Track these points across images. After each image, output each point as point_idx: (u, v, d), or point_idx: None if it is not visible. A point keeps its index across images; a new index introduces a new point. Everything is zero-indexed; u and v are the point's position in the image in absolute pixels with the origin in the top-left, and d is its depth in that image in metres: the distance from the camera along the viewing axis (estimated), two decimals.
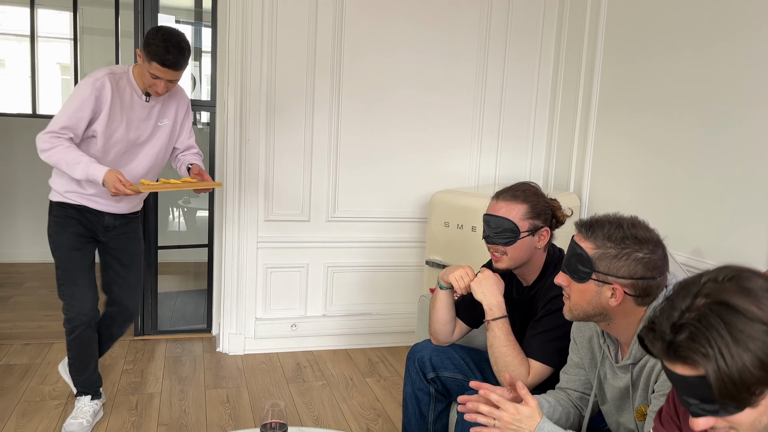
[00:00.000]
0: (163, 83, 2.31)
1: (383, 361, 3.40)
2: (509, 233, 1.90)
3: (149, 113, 2.46)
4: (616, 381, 1.52)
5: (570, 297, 1.48)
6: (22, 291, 4.29)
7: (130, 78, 2.40)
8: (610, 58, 3.14)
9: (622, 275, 1.38)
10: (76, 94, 2.30)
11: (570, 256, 1.47)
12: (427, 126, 3.51)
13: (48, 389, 2.85)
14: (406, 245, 3.58)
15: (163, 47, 2.24)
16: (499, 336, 1.83)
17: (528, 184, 1.99)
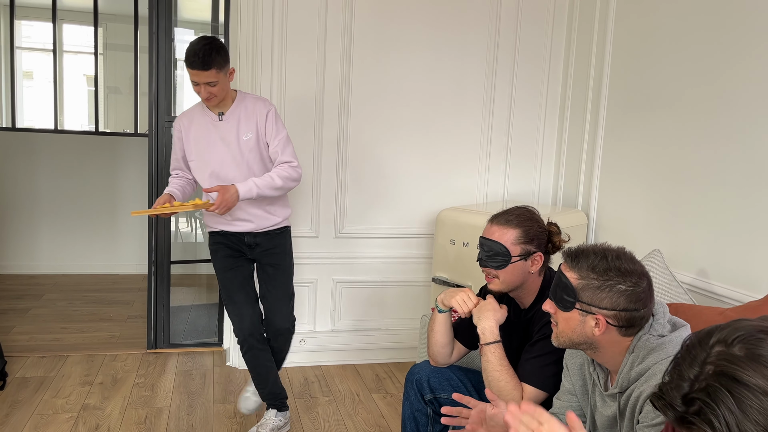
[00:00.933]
0: (203, 88, 2.40)
1: (390, 377, 3.42)
2: (501, 257, 1.92)
3: (227, 131, 2.54)
4: (605, 409, 1.53)
5: (557, 324, 1.50)
6: (41, 303, 4.39)
7: (202, 106, 2.57)
8: (617, 78, 3.14)
9: (605, 306, 1.40)
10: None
11: (556, 284, 1.49)
12: (435, 143, 3.53)
13: (61, 402, 2.92)
14: (414, 261, 3.60)
15: (189, 50, 2.36)
16: (491, 361, 1.85)
17: (524, 208, 2.00)
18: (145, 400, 2.99)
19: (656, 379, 1.37)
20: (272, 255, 2.66)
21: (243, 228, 2.60)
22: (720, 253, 2.47)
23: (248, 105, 2.58)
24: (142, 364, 3.42)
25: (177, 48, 3.67)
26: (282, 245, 2.69)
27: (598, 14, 3.27)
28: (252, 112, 2.57)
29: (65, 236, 5.16)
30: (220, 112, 2.54)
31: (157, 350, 3.60)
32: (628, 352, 1.45)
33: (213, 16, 4.59)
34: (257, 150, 2.57)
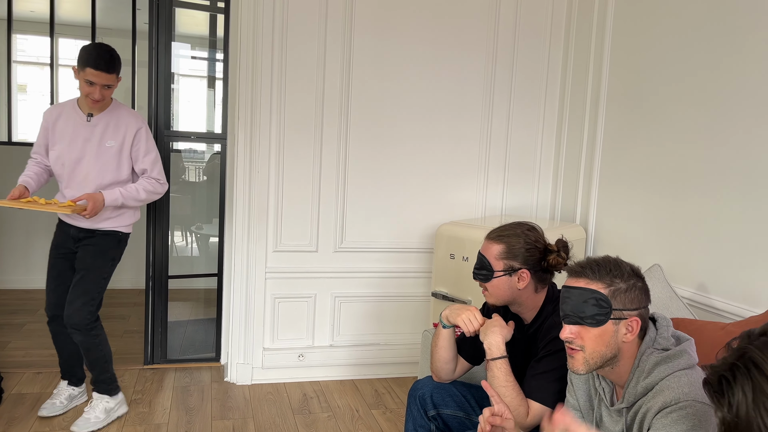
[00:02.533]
0: (98, 88, 2.64)
1: (390, 392, 3.40)
2: (485, 271, 1.96)
3: (92, 133, 2.77)
4: (611, 424, 1.53)
5: (584, 348, 1.46)
6: (36, 318, 4.35)
7: (74, 104, 2.81)
8: (614, 94, 3.17)
9: (635, 307, 1.45)
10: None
11: (578, 303, 1.46)
12: (434, 158, 3.54)
13: (57, 420, 2.89)
14: (413, 275, 3.60)
15: (94, 53, 2.62)
16: (498, 376, 1.84)
17: (522, 224, 2.01)
18: (143, 417, 2.96)
19: (664, 396, 1.37)
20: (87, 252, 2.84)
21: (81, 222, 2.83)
22: (719, 268, 2.48)
23: (120, 115, 2.82)
24: (139, 380, 3.39)
25: (174, 63, 3.68)
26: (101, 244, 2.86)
27: (594, 31, 3.30)
28: (122, 124, 2.82)
29: None
30: (89, 113, 2.77)
31: (154, 366, 3.58)
32: (634, 366, 1.45)
33: (210, 31, 4.61)
34: (117, 158, 2.82)
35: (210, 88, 5.22)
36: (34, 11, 6.39)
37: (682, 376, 1.39)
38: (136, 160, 2.86)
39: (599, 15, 3.28)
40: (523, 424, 1.81)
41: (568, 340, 1.48)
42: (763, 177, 2.28)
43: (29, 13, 6.49)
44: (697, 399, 1.34)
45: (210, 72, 5.15)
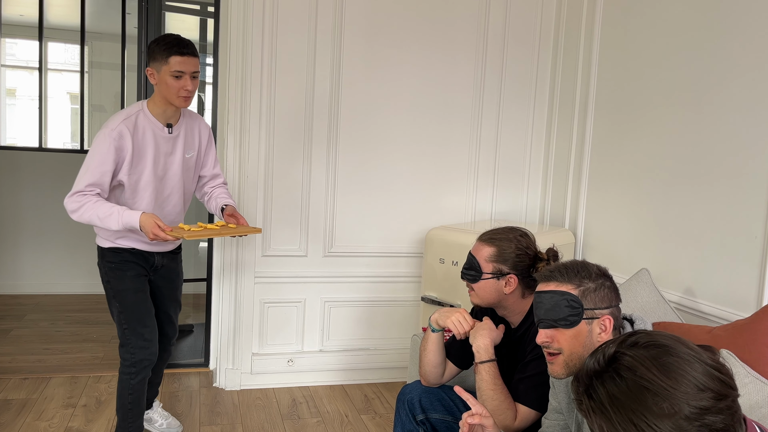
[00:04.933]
0: (188, 78, 2.27)
1: (379, 397, 3.40)
2: (473, 272, 1.97)
3: (174, 146, 2.42)
4: None
5: (562, 351, 1.47)
6: (23, 323, 4.32)
7: (146, 114, 2.35)
8: (603, 98, 3.19)
9: (606, 305, 1.47)
10: (96, 150, 2.26)
11: (551, 306, 1.47)
12: (423, 162, 3.55)
13: (44, 425, 2.86)
14: (403, 280, 3.60)
15: (172, 40, 2.27)
16: (486, 379, 1.85)
17: (514, 229, 2.01)
18: None
19: None
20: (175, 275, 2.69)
21: (160, 248, 2.52)
22: (706, 272, 2.49)
23: (190, 120, 2.51)
24: None
25: None
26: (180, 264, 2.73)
27: (583, 36, 3.33)
28: (195, 128, 2.53)
29: (48, 256, 5.10)
30: (168, 123, 2.39)
31: None
32: None
33: (201, 36, 4.61)
34: (194, 169, 2.56)
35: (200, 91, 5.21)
36: (23, 15, 6.36)
37: None
38: (206, 164, 2.62)
39: (587, 21, 3.30)
40: (511, 428, 1.81)
41: (545, 345, 1.49)
42: (748, 182, 2.30)
43: (18, 17, 6.46)
44: None
45: (201, 77, 5.15)
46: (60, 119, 7.33)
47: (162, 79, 2.27)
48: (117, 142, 2.27)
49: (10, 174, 5.01)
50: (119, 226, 2.23)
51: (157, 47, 2.27)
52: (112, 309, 2.48)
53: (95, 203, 2.25)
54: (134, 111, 2.34)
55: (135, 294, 2.44)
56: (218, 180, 2.70)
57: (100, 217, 2.24)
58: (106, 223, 2.24)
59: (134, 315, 2.43)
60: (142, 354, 2.43)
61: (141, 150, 2.33)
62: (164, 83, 2.27)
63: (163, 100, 2.34)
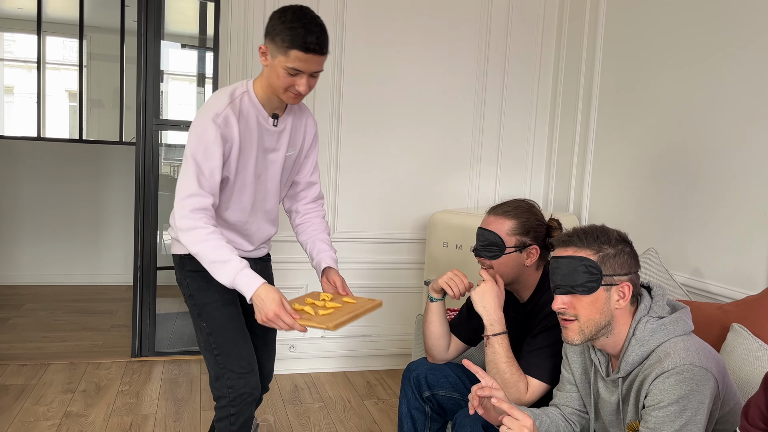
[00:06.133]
0: (305, 79, 1.77)
1: (382, 383, 3.36)
2: (495, 248, 1.90)
3: (278, 142, 1.95)
4: (607, 395, 1.50)
5: (578, 317, 1.44)
6: (21, 312, 4.28)
7: (251, 97, 1.87)
8: (608, 81, 3.16)
9: (625, 272, 1.43)
10: (198, 140, 1.77)
11: (568, 272, 1.43)
12: (426, 148, 3.52)
13: (42, 410, 2.82)
14: (405, 267, 3.57)
15: (302, 27, 1.71)
16: (499, 352, 1.81)
17: (524, 201, 1.99)
18: (130, 408, 2.90)
19: (661, 362, 1.34)
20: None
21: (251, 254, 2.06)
22: (714, 252, 2.46)
23: (299, 111, 2.02)
24: (126, 371, 3.33)
25: (164, 52, 3.64)
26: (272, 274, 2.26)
27: (587, 18, 3.30)
28: (302, 123, 2.03)
29: (47, 246, 5.06)
30: (274, 113, 1.91)
31: (142, 358, 3.51)
32: (629, 335, 1.43)
33: (200, 29, 4.58)
34: (288, 172, 2.05)
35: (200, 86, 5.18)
36: (21, 8, 6.32)
37: (678, 342, 1.37)
38: (303, 168, 2.11)
39: (592, 4, 3.27)
40: (522, 401, 1.77)
41: (561, 311, 1.46)
42: (755, 163, 2.27)
43: (17, 11, 6.42)
44: (695, 363, 1.31)
45: (200, 69, 5.11)
46: (59, 116, 7.29)
47: (274, 67, 1.77)
48: (223, 130, 1.78)
49: (8, 164, 4.98)
50: (227, 282, 1.71)
51: (281, 28, 1.73)
52: (198, 333, 1.95)
53: (209, 235, 1.72)
54: (239, 92, 1.86)
55: (225, 307, 1.91)
56: (313, 191, 2.15)
57: (209, 258, 1.71)
58: (212, 268, 1.72)
59: (227, 335, 1.91)
60: (242, 386, 1.89)
61: (246, 141, 1.85)
62: (275, 73, 1.77)
63: (271, 87, 1.84)
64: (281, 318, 1.66)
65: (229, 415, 1.91)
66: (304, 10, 1.77)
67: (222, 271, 1.71)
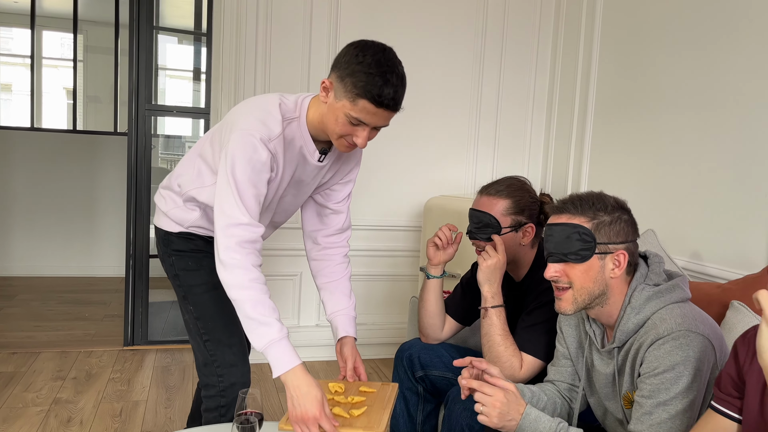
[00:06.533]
0: (367, 132, 1.56)
1: (377, 371, 3.32)
2: (491, 229, 1.85)
3: (315, 176, 1.76)
4: (603, 367, 1.46)
5: (572, 285, 1.40)
6: (13, 303, 4.23)
7: (302, 125, 1.64)
8: (606, 65, 3.12)
9: (621, 240, 1.38)
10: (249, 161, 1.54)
11: (562, 240, 1.39)
12: (422, 134, 3.48)
13: (31, 396, 2.78)
14: (401, 255, 3.52)
15: (380, 75, 1.49)
16: (496, 324, 1.77)
17: (515, 178, 1.94)
18: (121, 394, 2.86)
19: (656, 329, 1.30)
20: None
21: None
22: (713, 235, 2.42)
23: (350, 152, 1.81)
24: (118, 360, 3.28)
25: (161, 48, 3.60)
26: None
27: (585, 2, 3.26)
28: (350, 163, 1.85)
29: (41, 237, 5.01)
30: (323, 148, 1.70)
31: (134, 347, 3.47)
32: (625, 303, 1.38)
33: (195, 23, 4.53)
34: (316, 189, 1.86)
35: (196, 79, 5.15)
36: (17, 1, 6.29)
37: (675, 308, 1.33)
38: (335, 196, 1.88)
39: None
40: (516, 377, 1.73)
41: (554, 279, 1.41)
42: (753, 144, 2.23)
43: (13, 4, 6.39)
44: (691, 329, 1.27)
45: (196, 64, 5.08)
46: (56, 113, 7.26)
47: (334, 110, 1.54)
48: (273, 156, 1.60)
49: (2, 155, 4.93)
50: (258, 347, 1.52)
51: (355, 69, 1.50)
52: (185, 316, 1.83)
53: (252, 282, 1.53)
54: (291, 115, 1.63)
55: (215, 291, 1.73)
56: (339, 221, 1.90)
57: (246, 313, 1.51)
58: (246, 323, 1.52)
59: (217, 321, 1.78)
60: (233, 376, 1.76)
61: (283, 169, 1.67)
62: (334, 116, 1.55)
63: (323, 126, 1.62)
64: (321, 423, 1.43)
65: (218, 406, 1.78)
66: (387, 53, 1.55)
67: (256, 332, 1.50)
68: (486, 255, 1.81)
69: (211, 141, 1.72)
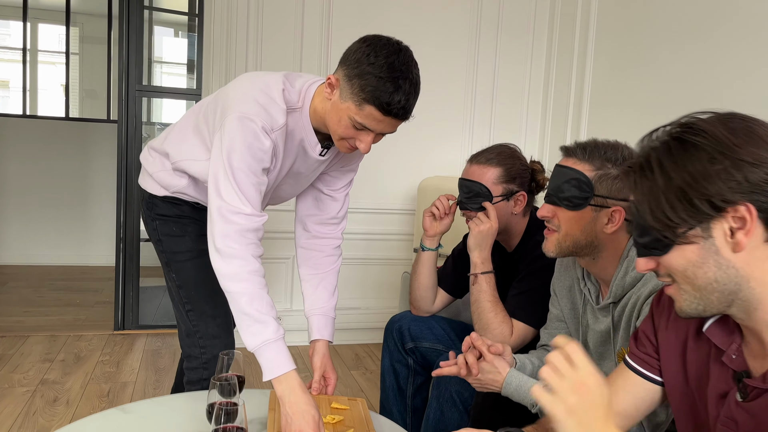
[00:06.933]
0: (371, 137, 1.45)
1: (370, 355, 3.27)
2: (482, 198, 1.81)
3: (315, 170, 1.68)
4: (597, 325, 1.41)
5: (559, 229, 1.37)
6: (4, 290, 4.19)
7: (304, 116, 1.53)
8: (601, 52, 3.07)
9: (623, 197, 1.31)
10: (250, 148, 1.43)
11: (561, 183, 1.35)
12: (416, 115, 3.42)
13: (18, 377, 2.73)
14: (395, 238, 3.48)
15: (392, 80, 1.36)
16: (485, 290, 1.72)
17: (505, 146, 1.90)
18: (109, 376, 2.81)
19: (654, 281, 1.26)
20: None
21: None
22: None
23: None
24: (108, 343, 3.24)
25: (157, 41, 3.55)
26: None
27: None
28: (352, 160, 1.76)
29: (34, 226, 4.96)
30: (327, 143, 1.59)
31: (125, 331, 3.42)
32: (622, 257, 1.34)
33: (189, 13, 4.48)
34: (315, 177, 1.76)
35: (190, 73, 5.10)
36: None
37: None
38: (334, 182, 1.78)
39: None
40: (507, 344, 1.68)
41: (545, 219, 1.38)
42: (755, 102, 2.19)
43: None
44: None
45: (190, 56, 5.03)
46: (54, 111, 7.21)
47: (338, 110, 1.43)
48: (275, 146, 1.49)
49: None
50: (250, 346, 1.44)
51: (365, 71, 1.36)
52: (168, 283, 1.76)
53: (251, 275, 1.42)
54: (294, 105, 1.52)
55: (199, 258, 1.67)
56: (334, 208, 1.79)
57: (240, 307, 1.41)
58: (239, 318, 1.43)
59: (200, 291, 1.70)
60: (216, 347, 1.68)
61: (281, 161, 1.57)
62: (337, 117, 1.44)
63: (323, 122, 1.51)
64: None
65: (201, 378, 1.72)
66: (402, 55, 1.40)
67: (250, 330, 1.41)
68: (478, 220, 1.77)
69: (205, 116, 1.61)
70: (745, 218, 0.79)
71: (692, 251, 0.83)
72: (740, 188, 0.79)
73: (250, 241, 1.44)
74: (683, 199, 0.82)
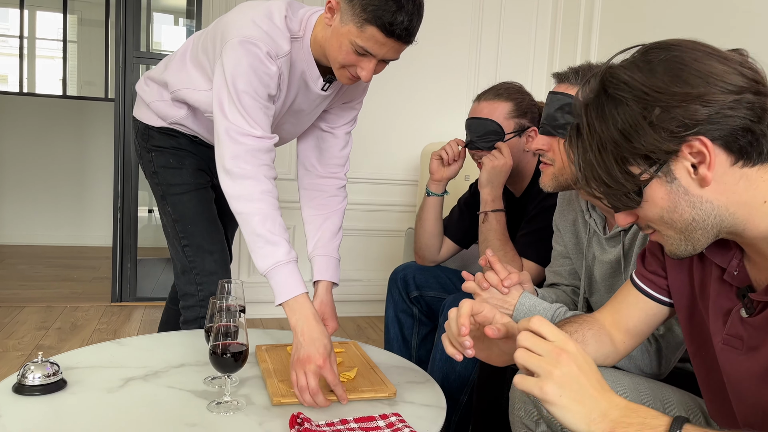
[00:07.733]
0: (373, 64, 1.39)
1: (372, 326, 3.22)
2: (493, 135, 1.76)
3: (317, 106, 1.61)
4: (605, 255, 1.35)
5: (553, 162, 1.32)
6: (1, 266, 4.13)
7: (305, 47, 1.46)
8: (608, 20, 3.03)
9: None
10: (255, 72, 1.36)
11: (554, 110, 1.30)
12: (419, 84, 3.38)
13: (13, 343, 2.68)
14: (397, 210, 3.43)
15: (395, 12, 1.30)
16: (495, 228, 1.67)
17: (511, 82, 1.85)
18: None
19: None
20: None
21: None
22: None
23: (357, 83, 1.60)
24: (105, 314, 3.18)
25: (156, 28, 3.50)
26: None
27: None
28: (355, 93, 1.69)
29: (30, 205, 4.90)
30: (329, 77, 1.52)
31: (122, 303, 3.36)
32: None
33: None
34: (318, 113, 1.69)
35: None
36: None
37: None
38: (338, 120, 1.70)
39: None
40: None
41: (540, 152, 1.33)
42: None
43: None
44: None
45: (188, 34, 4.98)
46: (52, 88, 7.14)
47: (338, 35, 1.36)
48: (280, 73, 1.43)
49: None
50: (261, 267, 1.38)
51: None
52: (163, 219, 1.70)
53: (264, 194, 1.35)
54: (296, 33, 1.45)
55: (196, 191, 1.65)
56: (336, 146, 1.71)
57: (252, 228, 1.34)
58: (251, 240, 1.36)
59: (197, 225, 1.65)
60: (213, 284, 1.60)
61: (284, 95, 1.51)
62: (337, 42, 1.37)
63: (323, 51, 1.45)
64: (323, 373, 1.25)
65: (197, 317, 1.67)
66: None
67: (262, 251, 1.34)
68: (492, 157, 1.71)
69: (203, 45, 1.54)
70: (702, 152, 0.76)
71: (661, 198, 0.80)
72: (685, 128, 0.75)
73: (263, 162, 1.37)
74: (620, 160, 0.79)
